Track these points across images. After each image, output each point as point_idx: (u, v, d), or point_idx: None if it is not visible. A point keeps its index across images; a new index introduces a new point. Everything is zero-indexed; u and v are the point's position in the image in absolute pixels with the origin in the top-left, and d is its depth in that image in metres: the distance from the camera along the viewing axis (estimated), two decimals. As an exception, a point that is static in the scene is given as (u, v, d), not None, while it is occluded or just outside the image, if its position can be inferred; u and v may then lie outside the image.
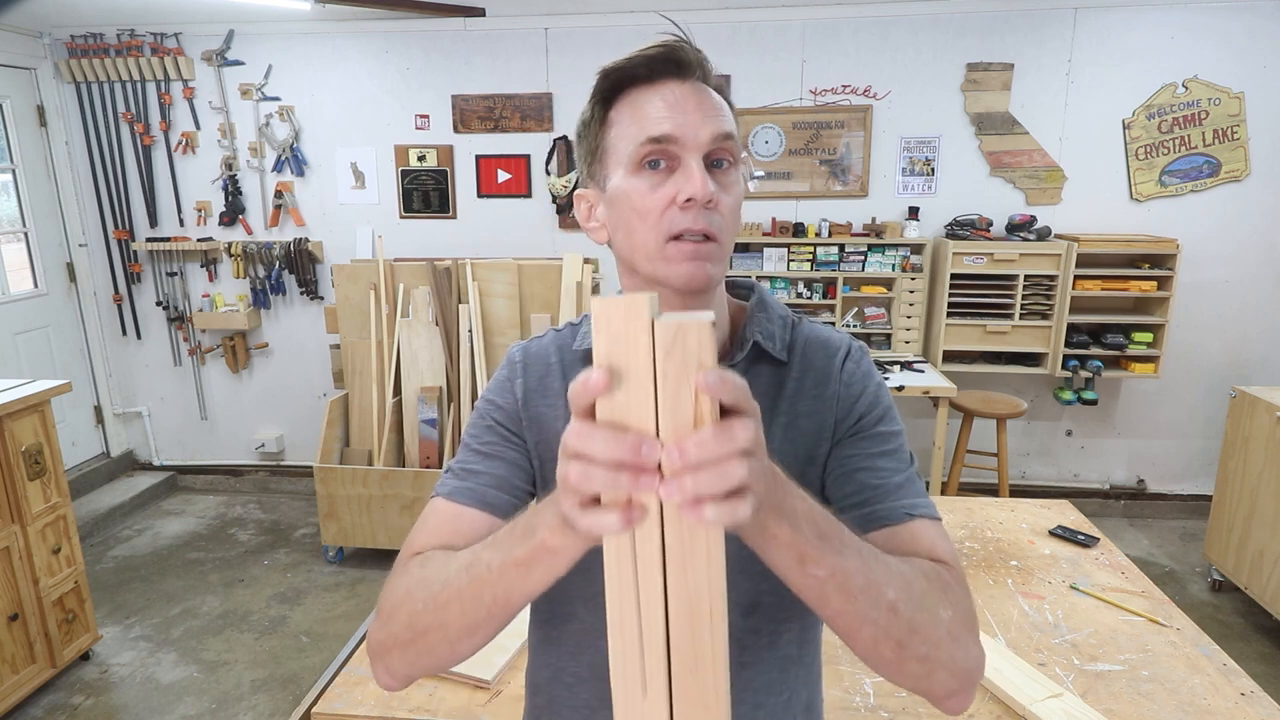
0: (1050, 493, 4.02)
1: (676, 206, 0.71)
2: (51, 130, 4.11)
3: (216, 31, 4.01)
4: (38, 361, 4.09)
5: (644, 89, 0.72)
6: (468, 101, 3.99)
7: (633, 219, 0.73)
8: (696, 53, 0.73)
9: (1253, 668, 2.73)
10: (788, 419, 0.78)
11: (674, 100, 0.71)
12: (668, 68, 0.72)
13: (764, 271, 3.89)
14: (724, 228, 0.72)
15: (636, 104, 0.72)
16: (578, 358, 0.82)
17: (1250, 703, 1.30)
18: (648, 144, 0.71)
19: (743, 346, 0.79)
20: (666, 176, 0.72)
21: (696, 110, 0.71)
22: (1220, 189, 3.72)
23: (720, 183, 0.72)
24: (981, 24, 3.69)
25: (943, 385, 3.44)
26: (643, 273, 0.75)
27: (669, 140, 0.70)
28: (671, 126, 0.70)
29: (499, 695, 1.36)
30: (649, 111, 0.71)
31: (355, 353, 3.70)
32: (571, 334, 0.86)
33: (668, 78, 0.72)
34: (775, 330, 0.81)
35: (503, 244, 4.08)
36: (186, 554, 3.74)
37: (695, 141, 0.70)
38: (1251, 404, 3.00)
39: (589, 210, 0.80)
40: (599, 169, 0.77)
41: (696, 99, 0.72)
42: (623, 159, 0.73)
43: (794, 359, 0.81)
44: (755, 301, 0.83)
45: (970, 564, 1.78)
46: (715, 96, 0.74)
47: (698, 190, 0.69)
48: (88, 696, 2.71)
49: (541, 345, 0.86)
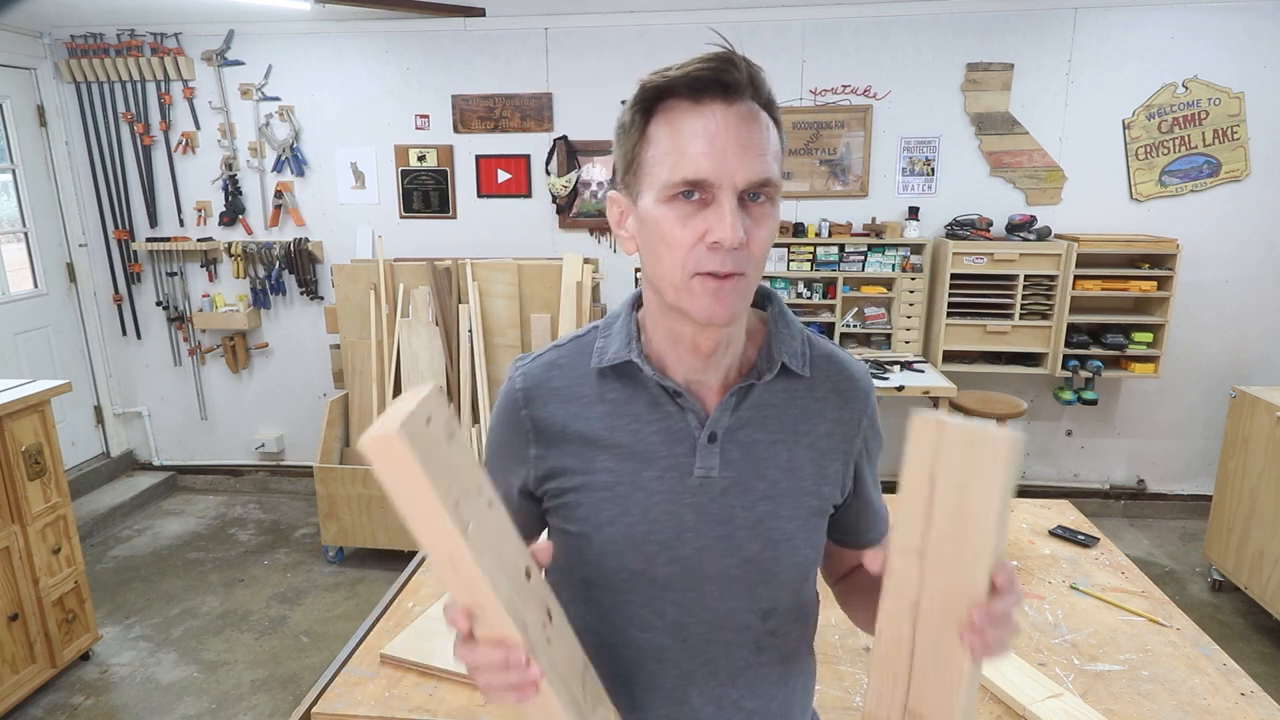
0: (1050, 493, 4.02)
1: (705, 245, 0.69)
2: (51, 130, 4.11)
3: (216, 31, 4.01)
4: (38, 361, 4.09)
5: (686, 107, 0.69)
6: (468, 101, 3.99)
7: (660, 247, 0.72)
8: (747, 68, 0.69)
9: (1253, 668, 2.73)
10: (810, 438, 0.82)
11: (715, 131, 0.68)
12: (713, 89, 0.69)
13: (764, 271, 3.88)
14: (753, 263, 0.71)
15: (676, 127, 0.69)
16: (591, 376, 0.82)
17: (1250, 703, 1.30)
18: (680, 184, 0.69)
19: (771, 367, 0.80)
20: (699, 210, 0.70)
21: (736, 148, 0.68)
22: (1220, 189, 3.72)
23: (754, 217, 0.71)
24: (981, 24, 3.69)
25: (943, 385, 3.44)
26: (666, 298, 0.75)
27: (702, 184, 0.69)
28: (708, 169, 0.68)
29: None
30: (687, 144, 0.69)
31: (355, 353, 3.70)
32: (578, 350, 0.84)
33: (713, 99, 0.69)
34: (797, 347, 0.83)
35: (503, 244, 4.08)
36: (186, 554, 3.74)
37: (731, 183, 0.68)
38: (1251, 404, 3.00)
39: (620, 216, 0.79)
40: (633, 180, 0.75)
41: (738, 133, 0.68)
42: (656, 184, 0.71)
43: (814, 374, 0.83)
44: (776, 314, 0.84)
45: (970, 564, 1.78)
46: (762, 128, 0.70)
47: (727, 236, 0.67)
48: (88, 696, 2.71)
49: (543, 365, 0.85)
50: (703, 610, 0.81)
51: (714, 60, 0.68)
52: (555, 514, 0.84)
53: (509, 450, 0.85)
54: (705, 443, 0.79)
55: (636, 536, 0.79)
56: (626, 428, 0.80)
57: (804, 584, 0.85)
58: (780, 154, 0.74)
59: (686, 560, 0.80)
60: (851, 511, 0.88)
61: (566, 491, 0.82)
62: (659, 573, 0.80)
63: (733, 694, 0.84)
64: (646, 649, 0.83)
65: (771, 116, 0.72)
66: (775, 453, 0.80)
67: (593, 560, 0.81)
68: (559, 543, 0.84)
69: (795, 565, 0.82)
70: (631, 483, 0.79)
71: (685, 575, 0.80)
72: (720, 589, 0.80)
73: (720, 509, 0.79)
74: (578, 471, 0.81)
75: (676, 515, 0.79)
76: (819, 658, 1.43)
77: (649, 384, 0.80)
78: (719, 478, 0.79)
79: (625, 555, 0.80)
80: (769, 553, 0.80)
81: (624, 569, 0.80)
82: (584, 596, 0.84)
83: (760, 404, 0.81)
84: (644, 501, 0.79)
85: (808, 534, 0.82)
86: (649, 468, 0.79)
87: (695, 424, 0.79)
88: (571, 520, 0.82)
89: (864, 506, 0.89)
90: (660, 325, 0.79)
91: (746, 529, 0.79)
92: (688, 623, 0.81)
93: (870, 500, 0.90)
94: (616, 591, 0.82)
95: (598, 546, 0.80)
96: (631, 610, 0.82)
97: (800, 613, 0.87)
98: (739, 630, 0.82)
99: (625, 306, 0.84)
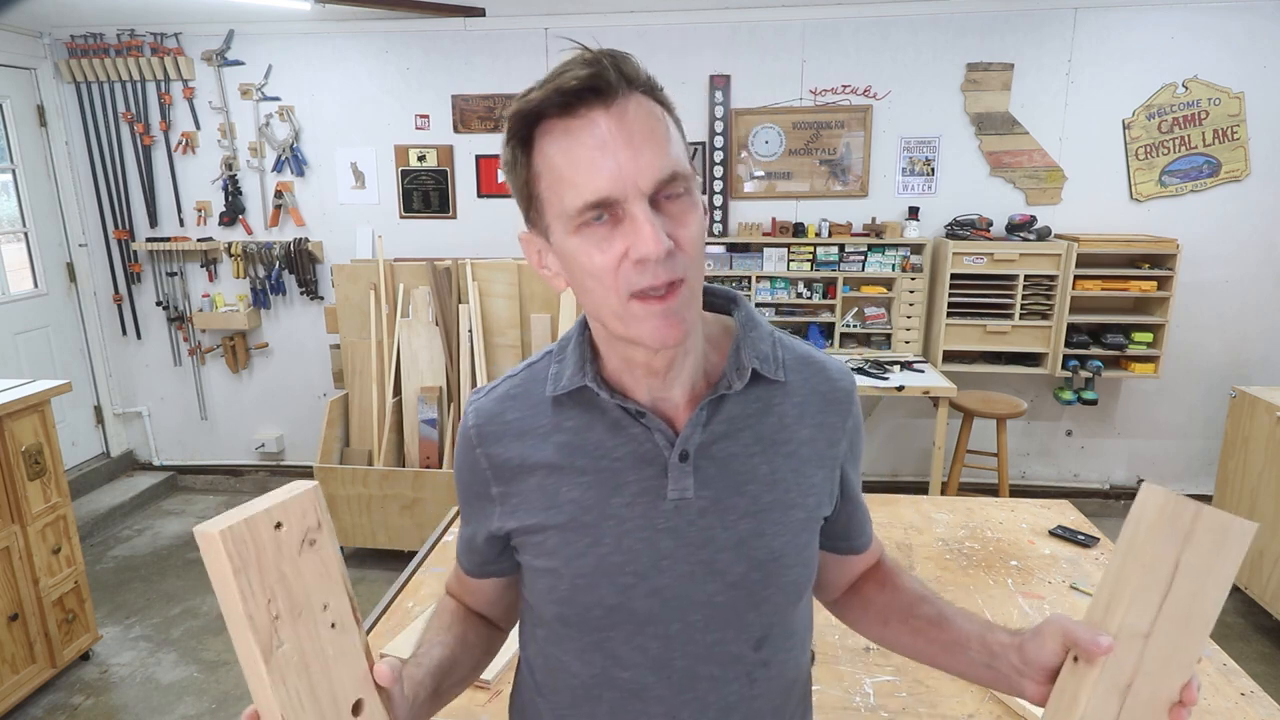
0: (1050, 493, 4.02)
1: (630, 263, 0.63)
2: (51, 130, 4.11)
3: (216, 31, 4.01)
4: (38, 361, 4.09)
5: (567, 124, 0.63)
6: (468, 101, 3.99)
7: (586, 279, 0.66)
8: (613, 63, 0.62)
9: (1253, 668, 2.73)
10: (790, 446, 0.77)
11: (603, 140, 0.61)
12: (586, 96, 0.62)
13: (764, 271, 3.89)
14: (689, 264, 0.65)
15: (563, 148, 0.63)
16: (547, 404, 0.77)
17: (1250, 703, 1.30)
18: (584, 210, 0.63)
19: (741, 375, 0.74)
20: (613, 229, 0.63)
21: (630, 152, 0.61)
22: (1220, 189, 3.72)
23: (674, 215, 0.64)
24: (981, 24, 3.69)
25: (943, 385, 3.44)
26: (612, 330, 0.69)
27: (606, 203, 0.62)
28: (606, 184, 0.61)
29: (499, 695, 1.35)
30: (577, 165, 0.62)
31: (355, 353, 3.70)
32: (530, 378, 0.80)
33: (591, 108, 0.62)
34: (767, 350, 0.77)
35: (503, 244, 4.08)
36: (186, 554, 3.74)
37: (637, 190, 0.62)
38: (1251, 404, 3.00)
39: (539, 257, 0.72)
40: (537, 217, 0.69)
41: (628, 133, 0.62)
42: (559, 216, 0.65)
43: (791, 379, 0.78)
44: (743, 318, 0.78)
45: (970, 564, 1.78)
46: (653, 119, 0.64)
47: (650, 249, 0.61)
48: (88, 696, 2.71)
49: (496, 399, 0.80)
50: (688, 643, 0.75)
51: (576, 67, 0.62)
52: (523, 551, 0.79)
53: (472, 490, 0.81)
54: (677, 462, 0.73)
55: (610, 568, 0.74)
56: (589, 454, 0.74)
57: (797, 605, 0.79)
58: (683, 138, 0.67)
59: (666, 590, 0.74)
60: (840, 517, 0.84)
61: (531, 528, 0.76)
62: (637, 606, 0.74)
63: None
64: (628, 689, 0.77)
65: (659, 101, 0.66)
66: (754, 466, 0.75)
67: (564, 597, 0.76)
68: (529, 581, 0.80)
69: (786, 585, 0.76)
70: (600, 511, 0.74)
71: (666, 607, 0.74)
72: (705, 619, 0.75)
73: (699, 532, 0.73)
74: (541, 505, 0.76)
75: (652, 542, 0.73)
76: (819, 657, 1.43)
77: (608, 408, 0.74)
78: (695, 498, 0.73)
79: (599, 589, 0.74)
80: (756, 574, 0.74)
81: (599, 604, 0.74)
82: (559, 636, 0.79)
83: (734, 415, 0.75)
84: (615, 530, 0.73)
85: (797, 550, 0.76)
86: (618, 494, 0.74)
87: (664, 443, 0.73)
88: (540, 555, 0.76)
89: (853, 510, 0.86)
90: (612, 350, 0.74)
91: (729, 550, 0.73)
92: (672, 658, 0.75)
93: (858, 503, 0.86)
94: (592, 629, 0.76)
95: (569, 581, 0.75)
96: (610, 648, 0.76)
97: (796, 638, 0.82)
98: (729, 663, 0.76)
99: (577, 327, 0.78)
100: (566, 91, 0.61)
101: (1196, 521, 0.61)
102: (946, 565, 1.77)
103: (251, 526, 0.55)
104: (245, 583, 0.55)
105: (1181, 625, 0.62)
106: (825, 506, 0.80)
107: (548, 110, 0.63)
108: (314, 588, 0.60)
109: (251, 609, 0.55)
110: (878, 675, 1.39)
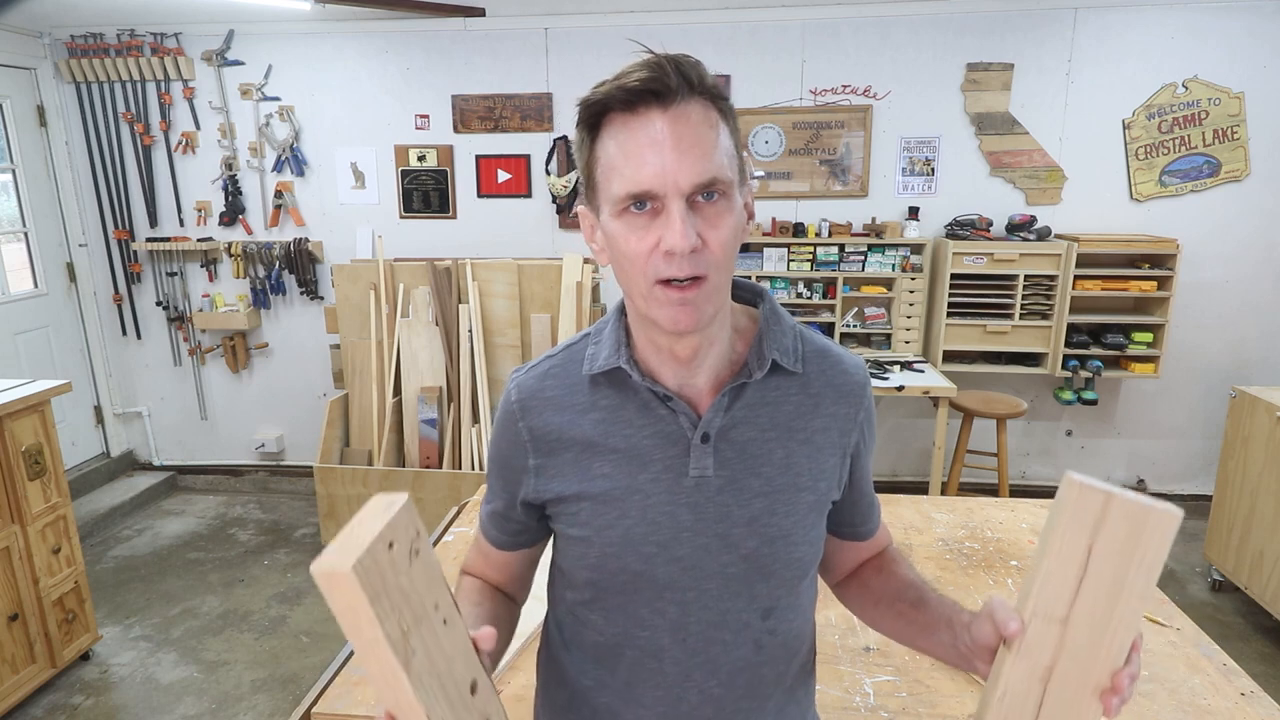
0: (1050, 493, 3.97)
1: (659, 253, 0.70)
2: (51, 130, 4.11)
3: (216, 31, 4.01)
4: (38, 361, 4.09)
5: (627, 119, 0.70)
6: (468, 101, 3.99)
7: (622, 259, 0.74)
8: (676, 69, 0.69)
9: (1253, 668, 2.73)
10: (805, 434, 0.83)
11: (655, 139, 0.69)
12: (647, 97, 0.69)
13: (764, 271, 3.89)
14: (716, 264, 0.72)
15: (620, 141, 0.71)
16: (584, 383, 0.83)
17: (1250, 703, 1.30)
18: (627, 198, 0.71)
19: (762, 365, 0.81)
20: (651, 219, 0.71)
21: (676, 154, 0.68)
22: (1220, 189, 3.72)
23: (708, 218, 0.71)
24: (981, 24, 3.69)
25: (943, 385, 3.44)
26: (638, 308, 0.77)
27: (648, 195, 0.70)
28: (650, 179, 0.69)
29: (499, 695, 1.35)
30: (629, 157, 0.70)
31: (355, 353, 3.70)
32: (570, 358, 0.86)
33: (650, 107, 0.69)
34: (789, 344, 0.83)
35: (503, 244, 4.08)
36: (186, 554, 3.74)
37: (676, 189, 0.69)
38: (1251, 404, 3.00)
39: (591, 230, 0.80)
40: (593, 195, 0.77)
41: (678, 136, 0.69)
42: (609, 198, 0.73)
43: (807, 370, 0.84)
44: (768, 312, 0.84)
45: (970, 564, 1.78)
46: (705, 125, 0.71)
47: (677, 243, 0.69)
48: (88, 696, 2.71)
49: (537, 375, 0.86)
50: (703, 609, 0.82)
51: (641, 69, 0.69)
52: (557, 520, 0.86)
53: (509, 462, 0.87)
54: (699, 443, 0.80)
55: (635, 538, 0.81)
56: (620, 432, 0.82)
57: (802, 581, 0.86)
58: (733, 147, 0.73)
59: (685, 560, 0.81)
60: (848, 504, 0.91)
61: (567, 498, 0.83)
62: (659, 573, 0.81)
63: (731, 694, 0.85)
64: (647, 648, 0.84)
65: (719, 108, 0.72)
66: (770, 450, 0.81)
67: (595, 563, 0.83)
68: (563, 547, 0.88)
69: (793, 561, 0.83)
70: (628, 486, 0.81)
71: (684, 574, 0.81)
72: (719, 587, 0.82)
73: (716, 508, 0.81)
74: (576, 478, 0.83)
75: (674, 516, 0.81)
76: (819, 657, 1.43)
77: (639, 389, 0.81)
78: (714, 477, 0.80)
79: (625, 557, 0.81)
80: (766, 549, 0.81)
81: (625, 570, 0.82)
82: (589, 599, 0.86)
83: (754, 402, 0.82)
84: (641, 504, 0.81)
85: (805, 530, 0.83)
86: (645, 470, 0.81)
87: (688, 425, 0.80)
88: (573, 525, 0.84)
89: (859, 498, 0.92)
90: (641, 334, 0.81)
91: (743, 526, 0.81)
92: (688, 622, 0.83)
93: (866, 492, 0.93)
94: (619, 593, 0.84)
95: (599, 550, 0.82)
96: (633, 610, 0.84)
97: (800, 613, 0.88)
98: (739, 629, 0.83)
99: (614, 312, 0.85)
100: (628, 90, 0.69)
101: (1108, 509, 0.61)
102: (946, 565, 1.77)
103: (374, 555, 0.56)
104: (382, 609, 0.56)
105: (1104, 612, 0.63)
106: (834, 492, 0.86)
107: (613, 104, 0.71)
108: (425, 593, 0.62)
109: (389, 629, 0.57)
110: (878, 675, 1.39)
